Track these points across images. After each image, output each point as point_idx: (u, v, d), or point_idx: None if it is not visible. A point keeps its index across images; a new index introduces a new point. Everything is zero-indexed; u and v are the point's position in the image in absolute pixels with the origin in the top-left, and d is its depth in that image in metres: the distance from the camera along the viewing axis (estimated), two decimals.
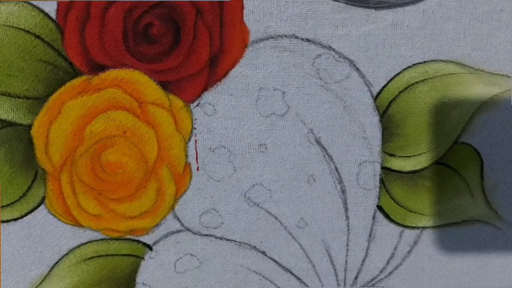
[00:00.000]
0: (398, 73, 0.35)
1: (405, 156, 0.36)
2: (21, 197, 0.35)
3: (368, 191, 0.36)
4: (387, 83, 0.35)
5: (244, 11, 0.33)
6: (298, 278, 0.38)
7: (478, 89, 0.35)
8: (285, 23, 0.34)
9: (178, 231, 0.37)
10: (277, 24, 0.33)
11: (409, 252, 0.38)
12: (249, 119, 0.35)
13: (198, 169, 0.36)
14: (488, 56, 0.34)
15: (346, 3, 0.33)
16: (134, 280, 0.38)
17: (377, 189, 0.36)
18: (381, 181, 0.36)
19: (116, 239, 0.37)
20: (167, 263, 0.37)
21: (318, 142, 0.36)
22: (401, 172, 0.36)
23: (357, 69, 0.34)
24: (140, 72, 0.34)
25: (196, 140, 0.35)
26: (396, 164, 0.36)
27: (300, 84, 0.35)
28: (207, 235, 0.37)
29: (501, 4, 0.34)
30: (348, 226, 0.37)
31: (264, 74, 0.34)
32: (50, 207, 0.36)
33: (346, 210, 0.37)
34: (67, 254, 0.37)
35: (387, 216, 0.37)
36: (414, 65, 0.34)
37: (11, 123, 0.34)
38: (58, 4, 0.33)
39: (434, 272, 0.38)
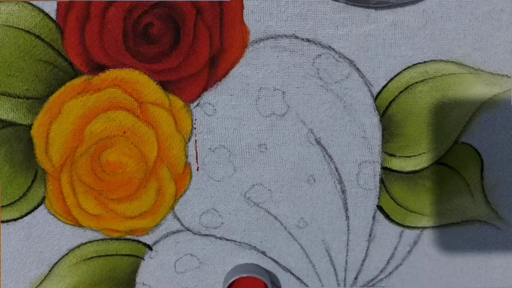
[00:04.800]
0: (398, 73, 0.35)
1: (405, 156, 0.36)
2: (21, 197, 0.35)
3: (368, 191, 0.36)
4: (387, 83, 0.35)
5: (244, 11, 0.33)
6: (298, 278, 0.38)
7: (478, 89, 0.35)
8: (285, 23, 0.33)
9: (178, 231, 0.37)
10: (277, 24, 0.33)
11: (409, 252, 0.38)
12: (249, 119, 0.35)
13: (198, 169, 0.36)
14: (488, 56, 0.34)
15: (346, 3, 0.33)
16: (134, 280, 0.38)
17: (377, 189, 0.36)
18: (381, 181, 0.36)
19: (116, 239, 0.37)
20: (167, 263, 0.37)
21: (318, 142, 0.36)
22: (401, 172, 0.36)
23: (357, 69, 0.34)
24: (140, 72, 0.34)
25: (196, 140, 0.35)
26: (396, 164, 0.36)
27: (300, 84, 0.35)
28: (207, 235, 0.37)
29: (501, 4, 0.34)
30: (348, 226, 0.37)
31: (264, 74, 0.34)
32: (50, 207, 0.36)
33: (346, 210, 0.37)
34: (66, 254, 0.37)
35: (387, 216, 0.37)
36: (414, 65, 0.34)
37: (11, 123, 0.34)
38: (58, 4, 0.33)
39: (434, 272, 0.38)
